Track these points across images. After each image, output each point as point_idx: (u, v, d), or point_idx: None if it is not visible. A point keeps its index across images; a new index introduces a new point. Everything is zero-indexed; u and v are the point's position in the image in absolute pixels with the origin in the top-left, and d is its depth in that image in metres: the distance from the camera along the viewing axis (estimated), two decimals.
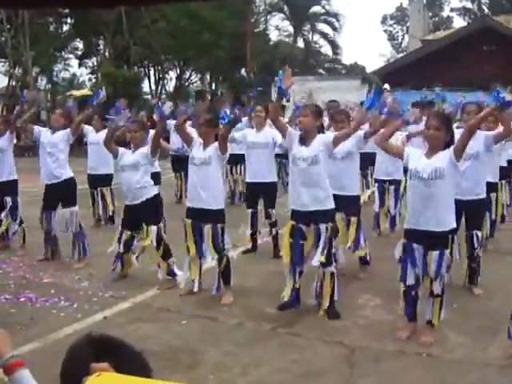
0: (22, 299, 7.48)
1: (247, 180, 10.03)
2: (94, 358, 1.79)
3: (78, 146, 10.74)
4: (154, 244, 8.00)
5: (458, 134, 6.41)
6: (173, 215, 9.56)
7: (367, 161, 11.35)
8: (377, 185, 10.67)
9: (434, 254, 6.14)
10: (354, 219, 8.29)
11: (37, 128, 9.71)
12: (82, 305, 7.35)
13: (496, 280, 7.99)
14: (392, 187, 10.48)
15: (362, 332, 6.65)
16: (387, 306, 7.26)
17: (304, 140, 6.92)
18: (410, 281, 6.28)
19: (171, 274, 8.12)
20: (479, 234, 7.81)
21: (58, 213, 9.18)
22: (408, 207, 6.53)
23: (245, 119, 12.31)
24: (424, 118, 12.43)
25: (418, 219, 6.24)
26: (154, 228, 8.02)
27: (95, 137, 11.39)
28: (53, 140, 9.18)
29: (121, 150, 8.28)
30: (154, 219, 8.12)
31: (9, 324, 6.43)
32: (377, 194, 10.67)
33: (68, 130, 9.17)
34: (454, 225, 6.37)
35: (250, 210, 9.79)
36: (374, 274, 8.51)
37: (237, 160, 12.71)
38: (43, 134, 9.39)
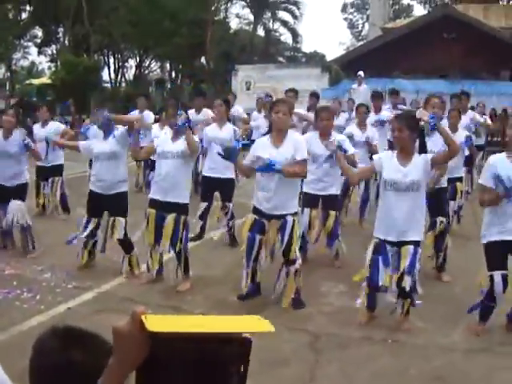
0: None
1: (204, 173, 9.89)
2: (63, 350, 1.78)
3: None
4: (121, 236, 7.99)
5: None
6: (132, 205, 9.41)
7: None
8: None
9: (409, 248, 6.14)
10: (332, 213, 8.36)
11: None
12: (46, 296, 7.27)
13: (459, 265, 8.08)
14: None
15: (327, 319, 6.71)
16: (351, 292, 7.30)
17: (275, 141, 6.85)
18: (382, 282, 6.24)
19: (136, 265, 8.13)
20: (444, 220, 7.88)
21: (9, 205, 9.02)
22: (381, 216, 6.40)
23: (204, 110, 12.28)
24: (385, 108, 12.60)
25: (394, 230, 6.20)
26: (122, 220, 8.01)
27: (42, 132, 11.05)
28: (6, 147, 8.76)
29: (83, 143, 8.42)
30: (123, 212, 8.10)
31: None
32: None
33: (19, 131, 8.85)
34: None
35: (204, 204, 9.65)
36: (336, 260, 8.55)
37: None
38: None
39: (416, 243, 6.21)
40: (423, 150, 6.39)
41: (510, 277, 6.07)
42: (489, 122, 14.81)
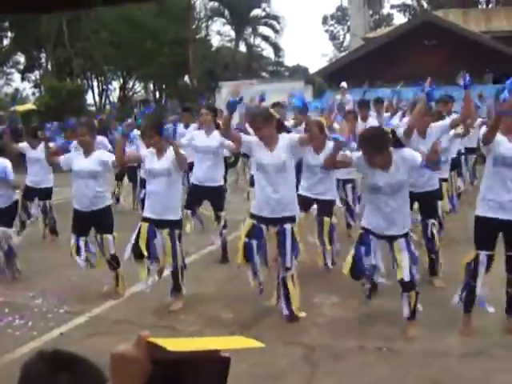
0: None
1: (193, 182, 9.71)
2: (50, 374, 1.75)
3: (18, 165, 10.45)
4: (111, 253, 7.94)
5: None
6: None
7: None
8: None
9: (400, 241, 6.19)
10: (327, 219, 8.36)
11: None
12: (38, 322, 7.23)
13: (451, 270, 8.05)
14: (349, 185, 10.35)
15: (321, 330, 6.68)
16: (343, 303, 7.31)
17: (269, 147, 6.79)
18: (367, 270, 6.30)
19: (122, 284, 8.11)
20: (435, 221, 7.88)
21: None
22: (367, 211, 6.47)
23: (193, 125, 12.17)
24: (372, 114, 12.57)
25: (380, 225, 6.25)
26: (109, 237, 7.94)
27: (33, 154, 11.03)
28: None
29: (63, 158, 8.22)
30: (110, 228, 8.03)
31: None
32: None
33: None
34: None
35: (188, 211, 9.51)
36: (327, 272, 8.53)
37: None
38: None
39: (404, 236, 6.27)
40: (399, 146, 6.27)
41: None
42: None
